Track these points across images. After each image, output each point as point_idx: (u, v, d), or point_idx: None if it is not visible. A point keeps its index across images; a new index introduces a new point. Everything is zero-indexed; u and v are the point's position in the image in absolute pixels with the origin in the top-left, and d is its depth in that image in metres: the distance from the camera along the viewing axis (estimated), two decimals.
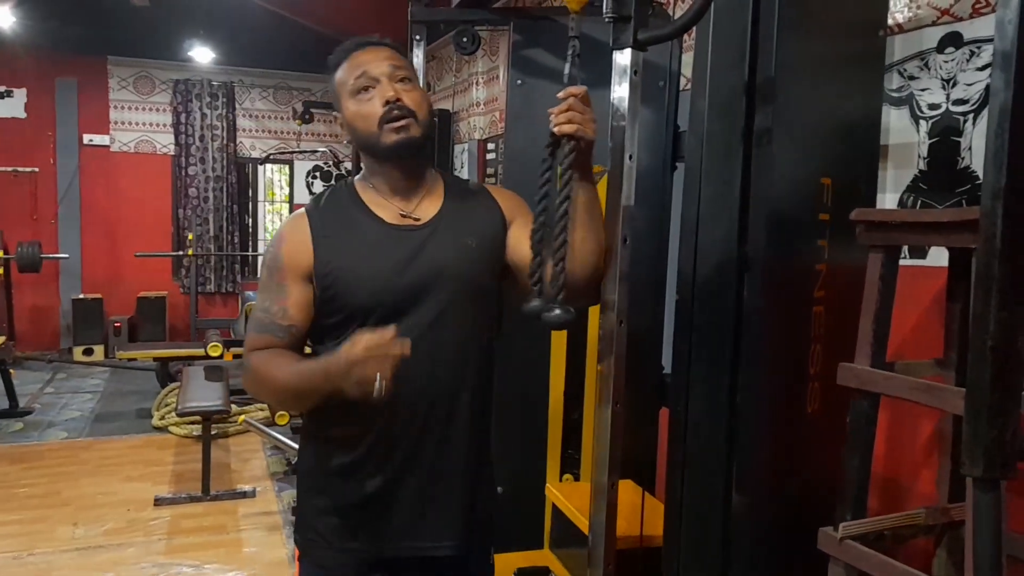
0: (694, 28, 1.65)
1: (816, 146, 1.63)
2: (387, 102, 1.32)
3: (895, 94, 1.97)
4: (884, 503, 1.88)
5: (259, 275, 1.47)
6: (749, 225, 1.55)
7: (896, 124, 1.97)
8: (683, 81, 2.38)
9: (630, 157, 1.30)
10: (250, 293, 6.80)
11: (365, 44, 1.40)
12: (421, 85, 1.44)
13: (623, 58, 1.30)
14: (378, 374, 1.14)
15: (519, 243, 1.38)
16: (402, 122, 1.32)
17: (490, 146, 5.29)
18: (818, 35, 1.62)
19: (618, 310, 1.32)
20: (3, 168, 7.25)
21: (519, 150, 2.50)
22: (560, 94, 1.29)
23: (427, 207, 1.40)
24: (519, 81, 2.48)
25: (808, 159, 1.61)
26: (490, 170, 5.29)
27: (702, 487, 1.66)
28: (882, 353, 1.48)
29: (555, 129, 1.28)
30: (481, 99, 5.37)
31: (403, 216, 1.38)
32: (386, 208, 1.38)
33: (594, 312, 1.90)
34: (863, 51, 1.76)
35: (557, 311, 1.26)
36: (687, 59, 2.71)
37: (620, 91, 1.30)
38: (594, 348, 2.44)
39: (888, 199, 1.98)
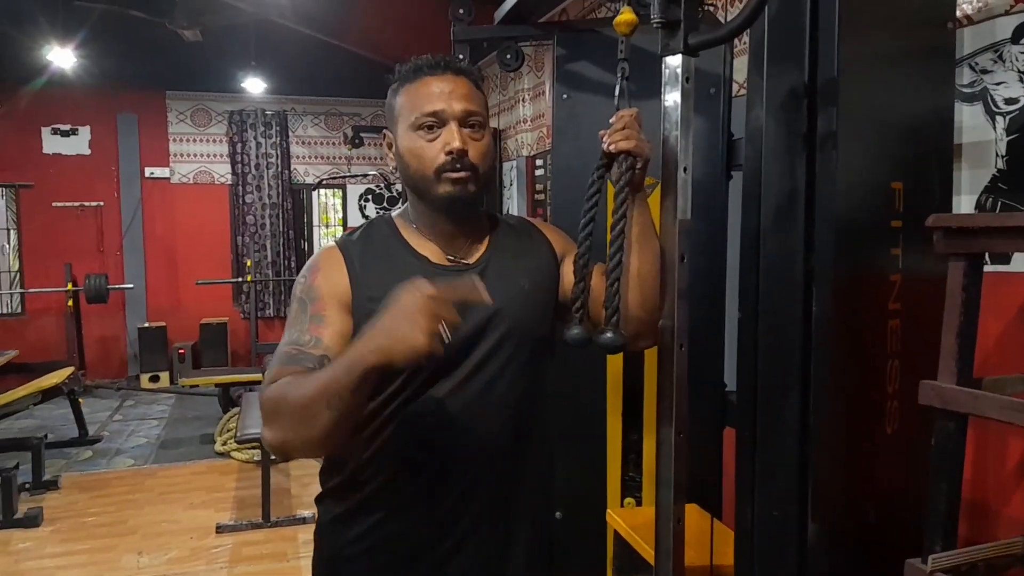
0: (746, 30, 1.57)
1: (884, 149, 1.53)
2: (451, 152, 1.19)
3: (967, 90, 1.85)
4: (973, 530, 1.75)
5: (287, 316, 1.24)
6: (815, 235, 1.46)
7: (969, 121, 1.85)
8: (735, 87, 2.30)
9: (684, 169, 1.23)
10: None
11: (443, 68, 1.23)
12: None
13: (674, 64, 1.23)
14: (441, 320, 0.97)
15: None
16: (461, 175, 1.19)
17: (538, 162, 5.25)
18: (882, 31, 1.53)
19: (677, 332, 1.24)
20: (71, 203, 7.50)
21: (566, 164, 2.45)
22: (613, 118, 1.24)
23: (474, 248, 1.29)
24: (564, 95, 2.42)
25: (876, 163, 1.52)
26: (539, 186, 5.25)
27: (774, 514, 1.56)
28: (968, 369, 1.37)
29: (611, 147, 1.21)
30: (528, 115, 5.34)
31: (450, 259, 1.27)
32: (430, 248, 1.27)
33: None
34: (931, 45, 1.65)
35: (610, 334, 1.18)
36: (739, 64, 2.62)
37: (671, 99, 1.23)
38: (653, 365, 2.36)
39: (964, 202, 1.86)
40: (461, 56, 2.56)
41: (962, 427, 1.36)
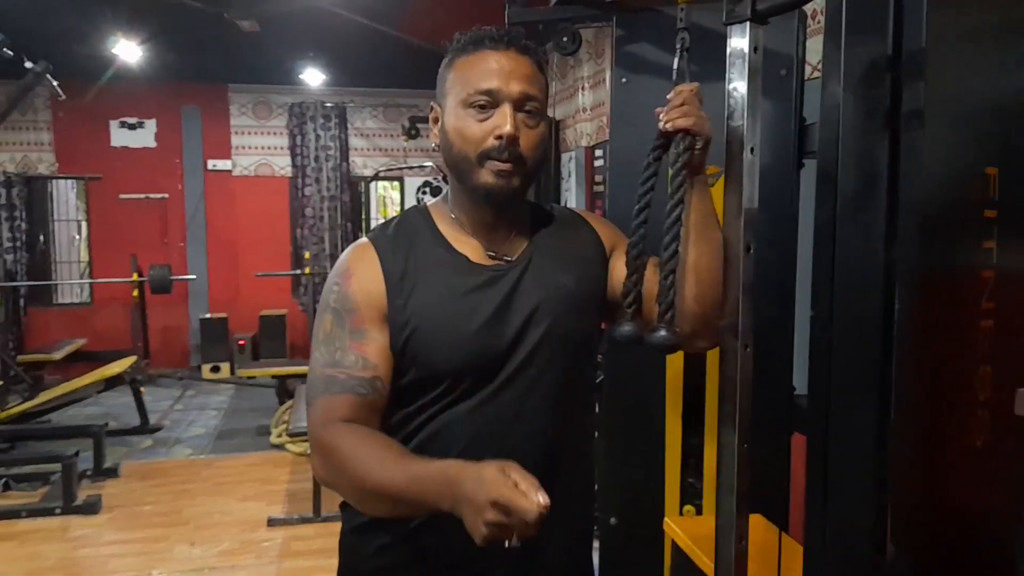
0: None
1: (977, 130, 1.37)
2: (500, 137, 1.08)
3: None
4: None
5: (316, 327, 1.15)
6: (899, 226, 1.30)
7: None
8: (808, 69, 2.14)
9: (751, 150, 1.10)
10: None
11: (506, 44, 1.12)
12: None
13: (740, 35, 1.10)
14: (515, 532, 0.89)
15: (624, 276, 1.16)
16: (505, 167, 1.09)
17: (597, 152, 5.11)
18: None
19: (742, 331, 1.11)
20: (136, 195, 7.66)
21: (625, 152, 2.33)
22: (670, 93, 1.12)
23: (516, 242, 1.19)
24: (623, 79, 2.30)
25: (968, 146, 1.35)
26: (598, 178, 5.11)
27: (848, 531, 1.41)
28: None
29: (667, 126, 1.10)
30: (587, 104, 5.20)
31: (490, 256, 1.16)
32: (469, 244, 1.17)
33: None
34: None
35: (663, 332, 1.06)
36: (812, 44, 2.45)
37: (737, 74, 1.10)
38: (715, 362, 2.23)
39: None
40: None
41: None
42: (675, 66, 1.13)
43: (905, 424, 1.33)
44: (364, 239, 1.18)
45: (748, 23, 1.08)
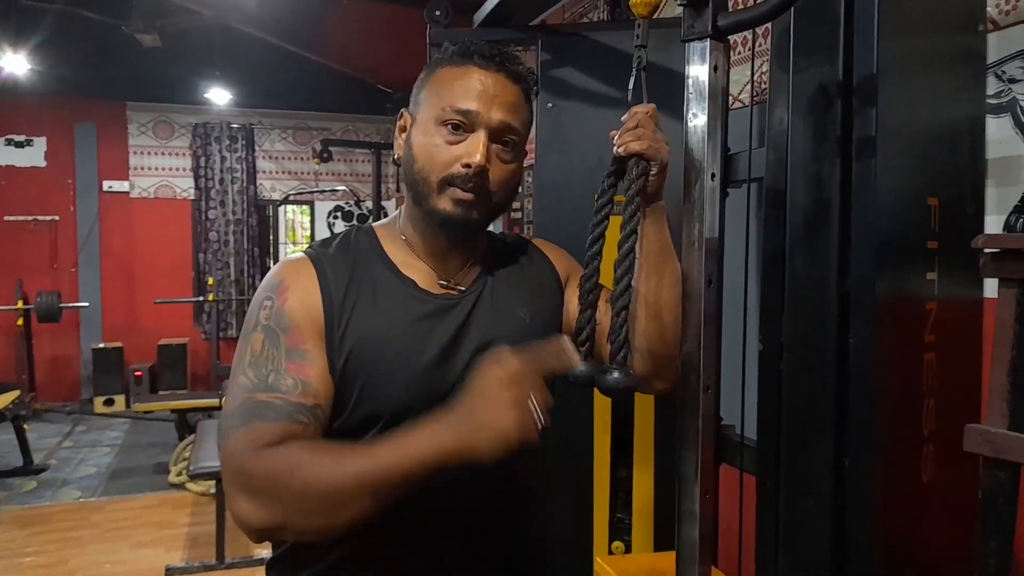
0: (762, 27, 1.40)
1: (921, 159, 1.36)
2: (468, 165, 0.99)
3: (993, 101, 1.69)
4: None
5: (240, 350, 0.98)
6: (851, 255, 1.27)
7: (996, 135, 1.68)
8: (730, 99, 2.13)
9: (712, 176, 1.03)
10: None
11: (497, 64, 1.03)
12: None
13: (699, 53, 1.03)
14: (532, 401, 0.84)
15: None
16: (467, 196, 1.00)
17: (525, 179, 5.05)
18: (917, 27, 1.36)
19: (704, 372, 1.03)
20: (23, 217, 7.15)
21: (551, 179, 2.27)
22: (625, 115, 1.05)
23: (469, 271, 1.09)
24: (549, 104, 2.24)
25: (914, 175, 1.34)
26: (515, 203, 5.05)
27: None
28: (1022, 411, 1.19)
29: (619, 150, 1.02)
30: None
31: (441, 284, 1.06)
32: (418, 269, 1.06)
33: None
34: (963, 48, 1.49)
35: (616, 374, 0.97)
36: (735, 75, 2.46)
37: (696, 92, 1.03)
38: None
39: (990, 223, 1.69)
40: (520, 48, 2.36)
41: (1014, 477, 1.19)
42: (631, 85, 1.05)
43: (864, 463, 1.28)
44: (299, 254, 1.06)
45: (708, 41, 1.01)
